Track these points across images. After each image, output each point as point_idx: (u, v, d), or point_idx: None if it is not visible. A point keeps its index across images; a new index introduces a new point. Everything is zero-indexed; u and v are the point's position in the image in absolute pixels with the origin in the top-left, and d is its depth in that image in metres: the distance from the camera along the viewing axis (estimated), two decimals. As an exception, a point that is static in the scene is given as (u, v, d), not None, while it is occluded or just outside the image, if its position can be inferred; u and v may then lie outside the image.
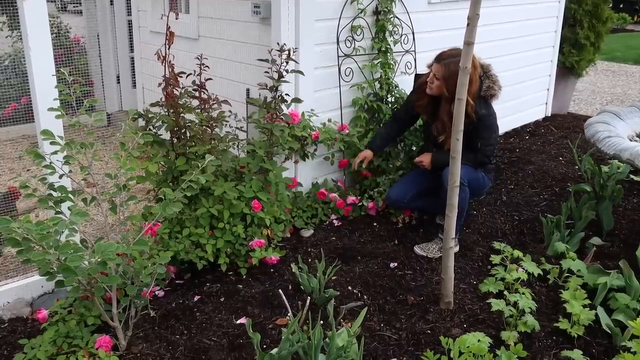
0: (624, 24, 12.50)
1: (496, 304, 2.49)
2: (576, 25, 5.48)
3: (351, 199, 3.48)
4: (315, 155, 3.42)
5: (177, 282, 2.86)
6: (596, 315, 2.53)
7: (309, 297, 2.46)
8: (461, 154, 3.17)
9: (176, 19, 2.67)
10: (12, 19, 4.72)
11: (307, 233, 3.30)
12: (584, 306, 2.57)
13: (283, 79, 2.87)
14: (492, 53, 4.69)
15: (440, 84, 2.99)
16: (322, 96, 3.46)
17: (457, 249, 3.16)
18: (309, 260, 3.02)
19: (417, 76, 3.39)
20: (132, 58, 5.06)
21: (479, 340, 2.24)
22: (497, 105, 5.36)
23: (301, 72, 3.03)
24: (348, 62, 3.52)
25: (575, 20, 5.48)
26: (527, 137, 5.09)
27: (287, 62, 2.84)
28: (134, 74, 5.04)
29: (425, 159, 3.23)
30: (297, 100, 3.01)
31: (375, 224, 3.47)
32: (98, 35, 5.05)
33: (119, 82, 5.21)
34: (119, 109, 5.24)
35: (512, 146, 4.79)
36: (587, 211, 3.40)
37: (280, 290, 2.55)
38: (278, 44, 2.98)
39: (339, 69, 3.47)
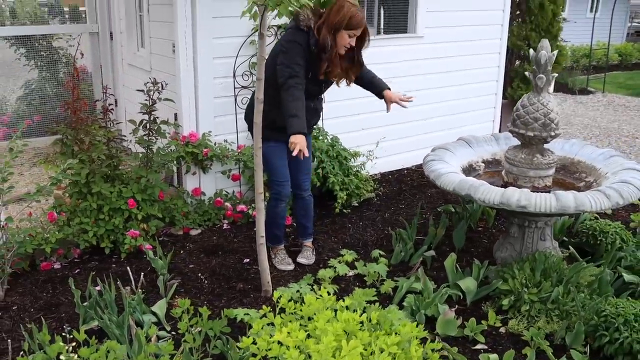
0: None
1: (277, 293, 3.04)
2: (524, 61, 5.80)
3: (241, 207, 4.15)
4: (210, 170, 4.15)
5: (76, 260, 3.68)
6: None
7: (142, 274, 3.17)
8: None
9: (81, 57, 3.52)
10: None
11: (194, 232, 4.01)
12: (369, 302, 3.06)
13: (154, 106, 3.65)
14: (430, 84, 5.23)
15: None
16: (222, 121, 4.19)
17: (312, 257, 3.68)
18: (181, 252, 3.73)
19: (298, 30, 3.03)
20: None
21: (245, 314, 2.86)
22: (433, 133, 5.86)
23: (171, 100, 3.80)
24: (246, 93, 4.23)
25: (523, 55, 5.81)
26: (459, 165, 5.45)
27: (159, 92, 3.62)
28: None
29: (300, 141, 2.88)
30: (164, 122, 3.77)
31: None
32: (101, 66, 6.12)
33: (117, 105, 6.25)
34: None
35: (434, 171, 5.20)
36: (440, 229, 3.84)
37: (128, 268, 3.28)
38: (153, 80, 3.73)
39: (235, 99, 4.18)
